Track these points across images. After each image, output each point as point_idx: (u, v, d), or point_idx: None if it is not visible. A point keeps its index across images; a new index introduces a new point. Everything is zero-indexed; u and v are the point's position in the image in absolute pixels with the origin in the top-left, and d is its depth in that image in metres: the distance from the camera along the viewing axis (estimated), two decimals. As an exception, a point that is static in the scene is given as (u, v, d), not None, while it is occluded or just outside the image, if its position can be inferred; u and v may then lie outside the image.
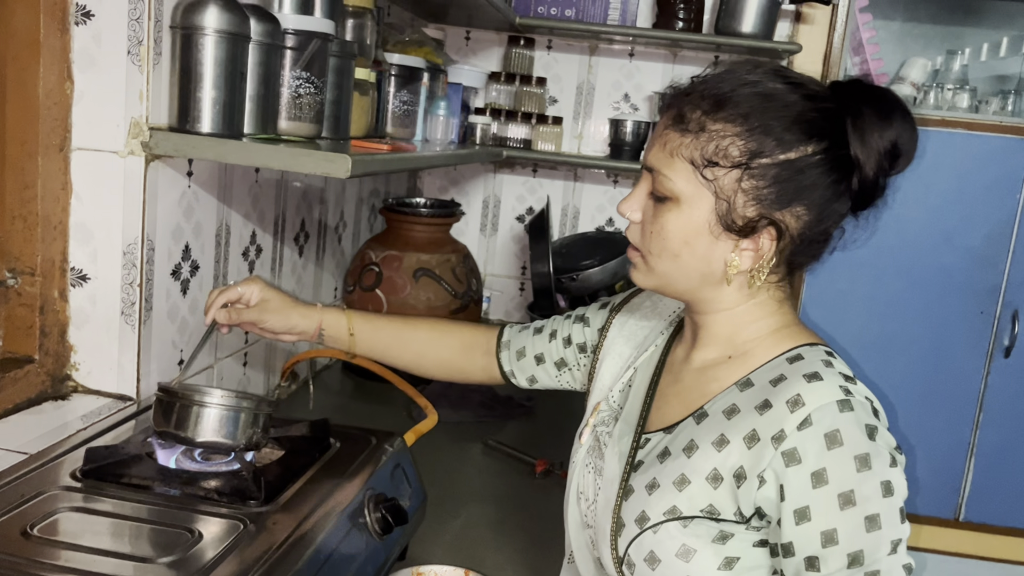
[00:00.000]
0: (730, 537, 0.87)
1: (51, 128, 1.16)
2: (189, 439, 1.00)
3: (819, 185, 0.87)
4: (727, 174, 0.87)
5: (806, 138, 0.87)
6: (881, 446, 0.84)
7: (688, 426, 0.93)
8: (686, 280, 0.93)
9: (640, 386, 1.03)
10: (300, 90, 1.33)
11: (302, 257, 1.80)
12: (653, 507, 0.90)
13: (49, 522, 0.89)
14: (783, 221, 0.88)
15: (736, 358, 0.94)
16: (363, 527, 1.03)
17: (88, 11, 1.15)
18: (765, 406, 0.86)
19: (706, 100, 0.89)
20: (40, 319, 1.20)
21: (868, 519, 0.82)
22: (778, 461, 0.84)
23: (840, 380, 0.87)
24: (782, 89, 0.89)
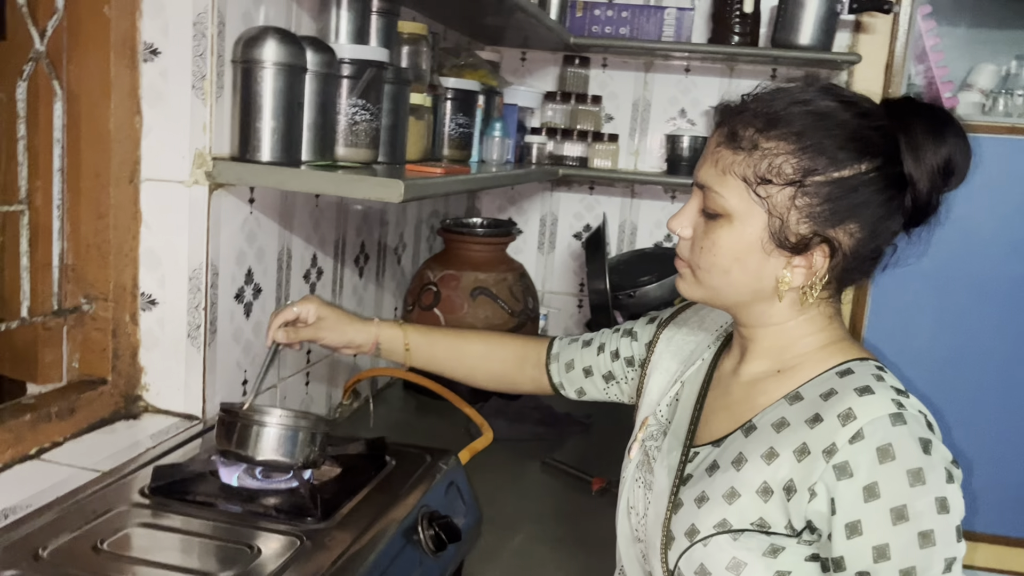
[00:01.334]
0: (781, 551, 0.87)
1: (122, 160, 1.22)
2: (249, 458, 1.04)
3: (872, 203, 0.88)
4: (780, 191, 0.88)
5: (859, 156, 0.87)
6: (936, 461, 0.84)
7: (737, 439, 0.93)
8: (736, 295, 0.95)
9: (688, 400, 1.04)
10: (356, 117, 1.37)
11: (362, 278, 1.85)
12: (703, 520, 0.90)
13: (118, 537, 0.93)
14: (836, 239, 0.89)
15: (785, 372, 0.95)
16: (417, 544, 1.05)
17: (155, 48, 1.21)
18: (816, 419, 0.87)
19: (759, 118, 0.90)
20: (113, 342, 1.25)
21: (922, 535, 0.81)
22: (829, 474, 0.84)
23: (892, 394, 0.87)
24: (835, 107, 0.90)
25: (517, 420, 1.81)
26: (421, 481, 1.15)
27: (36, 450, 1.12)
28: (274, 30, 1.22)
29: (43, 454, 1.13)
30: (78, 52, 1.18)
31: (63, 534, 0.92)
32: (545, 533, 1.42)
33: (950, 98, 2.40)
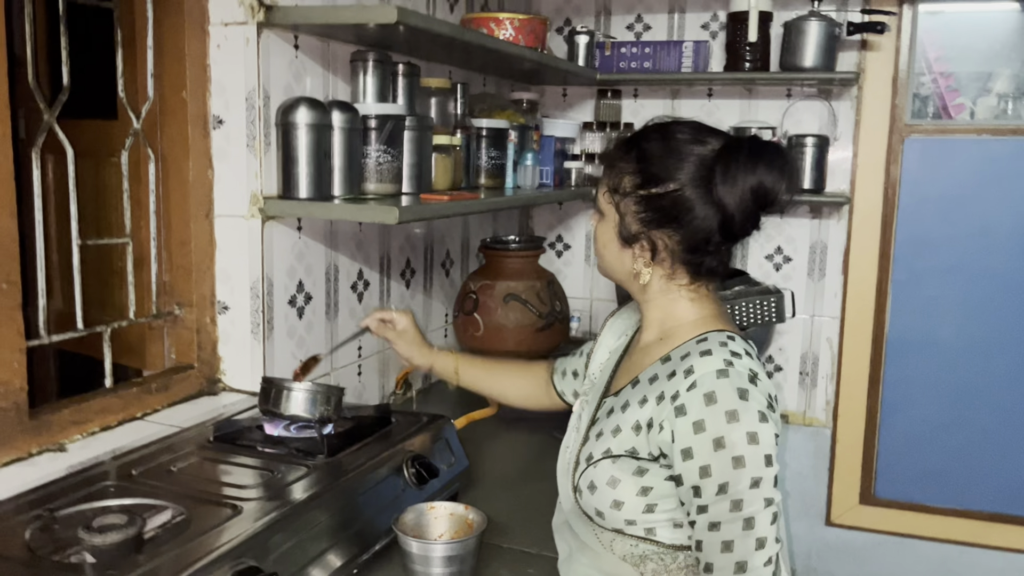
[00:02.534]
0: (646, 472, 1.15)
1: (199, 202, 1.65)
2: (279, 413, 1.43)
3: (684, 214, 1.15)
4: (623, 199, 1.19)
5: (674, 176, 1.15)
6: (751, 405, 1.09)
7: (626, 390, 1.22)
8: (613, 274, 1.26)
9: (609, 365, 1.35)
10: (380, 159, 1.76)
11: (409, 289, 2.23)
12: (596, 449, 1.20)
13: (186, 465, 1.34)
14: (658, 238, 1.17)
15: (665, 339, 1.23)
16: (401, 476, 1.41)
17: (221, 119, 1.64)
18: (672, 375, 1.15)
19: (623, 144, 1.22)
20: (198, 338, 1.68)
21: (734, 459, 1.07)
22: (671, 413, 1.11)
23: (726, 355, 1.13)
24: (680, 139, 1.17)
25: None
26: (414, 436, 1.51)
27: (141, 414, 1.56)
28: (304, 99, 1.62)
29: (146, 417, 1.56)
30: (166, 125, 1.62)
31: (149, 463, 1.33)
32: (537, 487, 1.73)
33: (959, 104, 2.56)
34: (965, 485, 2.67)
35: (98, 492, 1.23)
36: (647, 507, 1.15)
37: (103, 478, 1.27)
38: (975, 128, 2.53)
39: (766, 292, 2.22)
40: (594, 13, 2.84)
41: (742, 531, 1.07)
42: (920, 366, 2.65)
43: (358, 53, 1.83)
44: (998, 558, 2.67)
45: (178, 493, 1.23)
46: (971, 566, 2.69)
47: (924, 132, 2.56)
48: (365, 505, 1.33)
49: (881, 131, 2.57)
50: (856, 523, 2.75)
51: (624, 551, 1.19)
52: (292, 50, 1.70)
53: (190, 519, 1.15)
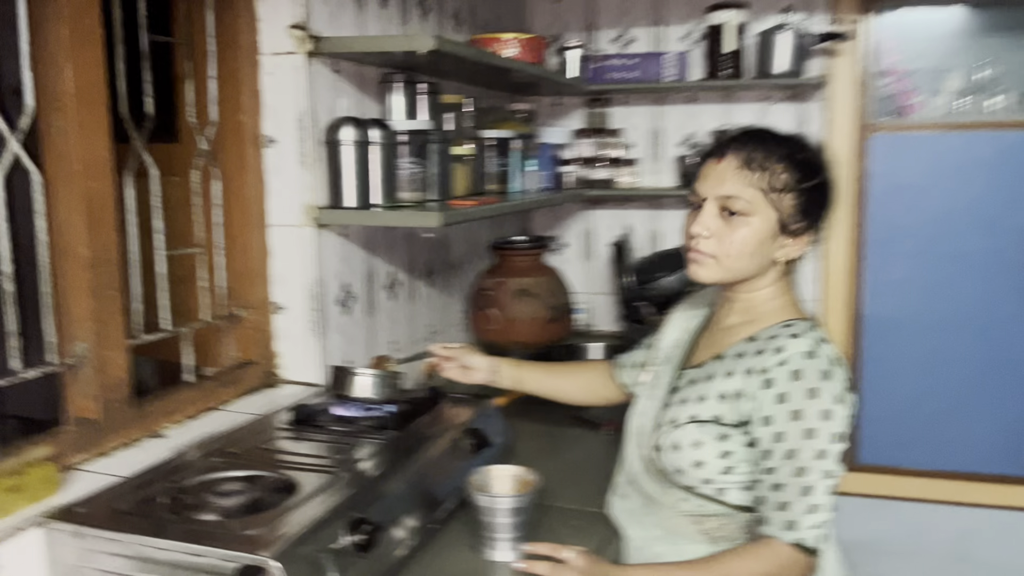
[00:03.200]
0: (728, 437, 1.29)
1: (256, 214, 1.83)
2: (349, 396, 1.62)
3: (824, 204, 1.33)
4: (784, 196, 1.30)
5: (822, 170, 1.33)
6: (832, 386, 1.23)
7: (710, 364, 1.35)
8: (748, 271, 1.33)
9: (684, 342, 1.49)
10: (411, 169, 1.96)
11: (434, 287, 2.43)
12: (680, 414, 1.33)
13: (271, 443, 1.52)
14: (812, 227, 1.33)
15: (749, 322, 1.35)
16: (459, 447, 1.61)
17: (273, 139, 1.83)
18: (760, 352, 1.28)
19: (764, 148, 1.31)
20: (258, 336, 1.87)
21: (806, 431, 1.22)
22: (759, 385, 1.25)
23: (814, 340, 1.26)
24: (796, 140, 1.34)
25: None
26: (466, 412, 1.71)
27: (218, 405, 1.74)
28: (348, 119, 1.81)
29: (221, 407, 1.74)
30: (225, 146, 1.81)
31: (243, 443, 1.52)
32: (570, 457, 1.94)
33: (915, 104, 2.82)
34: (937, 449, 2.93)
35: (208, 467, 1.41)
36: (725, 469, 1.30)
37: (208, 456, 1.46)
38: (933, 124, 2.79)
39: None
40: (582, 28, 3.06)
41: (799, 495, 1.22)
42: (894, 342, 2.90)
43: (387, 75, 2.03)
44: (968, 514, 2.93)
45: (277, 465, 1.42)
46: (944, 522, 2.95)
47: (888, 129, 2.82)
48: (434, 471, 1.52)
49: (849, 129, 2.82)
50: (844, 489, 2.97)
51: (689, 509, 1.36)
52: (332, 74, 1.89)
53: (296, 484, 1.34)
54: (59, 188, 1.40)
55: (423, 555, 1.42)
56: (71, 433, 1.41)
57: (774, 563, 1.25)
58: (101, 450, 1.46)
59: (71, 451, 1.40)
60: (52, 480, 1.29)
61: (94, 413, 1.46)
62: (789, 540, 1.24)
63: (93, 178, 1.42)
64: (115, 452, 1.48)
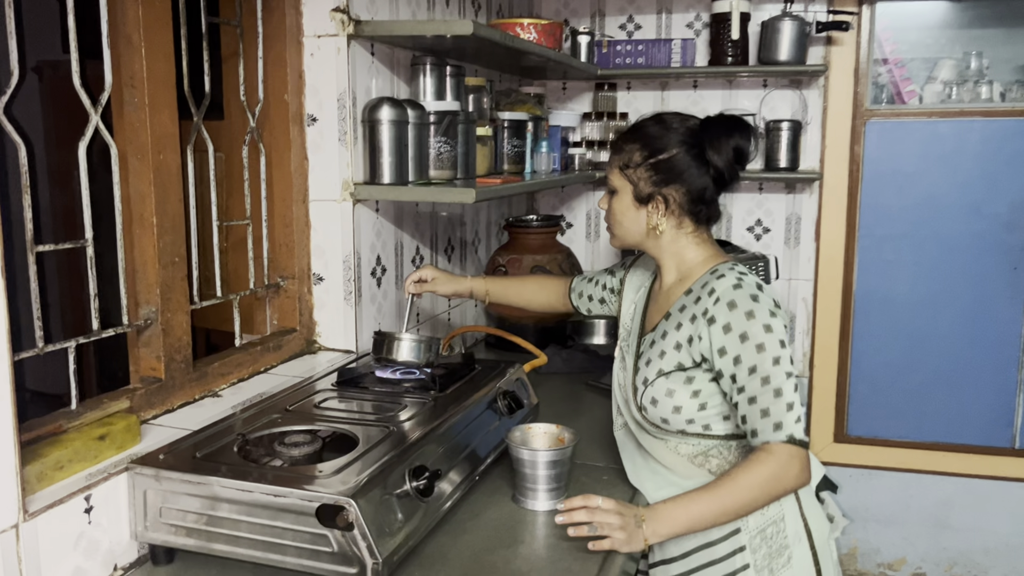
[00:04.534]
0: (693, 379, 1.48)
1: (298, 189, 1.93)
2: (392, 360, 1.73)
3: (685, 171, 1.50)
4: (635, 171, 1.52)
5: (674, 145, 1.50)
6: (762, 305, 1.42)
7: (662, 324, 1.55)
8: (631, 236, 1.57)
9: (638, 312, 1.68)
10: (441, 149, 2.06)
11: (451, 263, 2.54)
12: (649, 372, 1.53)
13: (322, 401, 1.64)
14: (668, 194, 1.51)
15: (683, 279, 1.56)
16: (496, 408, 1.73)
17: (315, 117, 1.93)
18: (697, 300, 1.48)
19: (625, 133, 1.57)
20: (298, 306, 1.97)
21: (757, 346, 1.40)
22: (704, 325, 1.44)
23: (736, 274, 1.47)
24: (668, 121, 1.53)
25: (570, 358, 2.47)
26: (499, 377, 1.83)
27: (264, 368, 1.85)
28: (387, 99, 1.91)
29: (269, 371, 1.85)
30: (267, 122, 1.90)
31: (296, 401, 1.63)
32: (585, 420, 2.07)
33: (910, 91, 2.96)
34: (920, 420, 3.09)
35: (269, 422, 1.52)
36: (700, 406, 1.48)
37: (267, 412, 1.56)
38: (925, 111, 2.93)
39: (754, 258, 2.59)
40: (589, 15, 3.17)
41: (773, 399, 1.38)
42: (882, 319, 3.06)
43: (417, 58, 2.13)
44: (949, 482, 3.10)
45: (333, 419, 1.53)
46: (927, 490, 3.11)
47: (882, 116, 2.96)
48: (476, 428, 1.64)
49: (845, 116, 2.96)
50: (832, 459, 3.15)
51: (689, 451, 1.52)
52: (369, 56, 1.99)
53: (355, 437, 1.45)
54: (132, 160, 1.50)
55: (470, 504, 1.54)
56: (141, 390, 1.51)
57: (776, 462, 1.39)
58: (168, 407, 1.56)
59: (143, 407, 1.51)
60: (134, 430, 1.39)
61: (160, 372, 1.56)
62: (782, 438, 1.38)
63: (162, 151, 1.52)
64: (180, 409, 1.58)
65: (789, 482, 1.40)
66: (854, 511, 3.18)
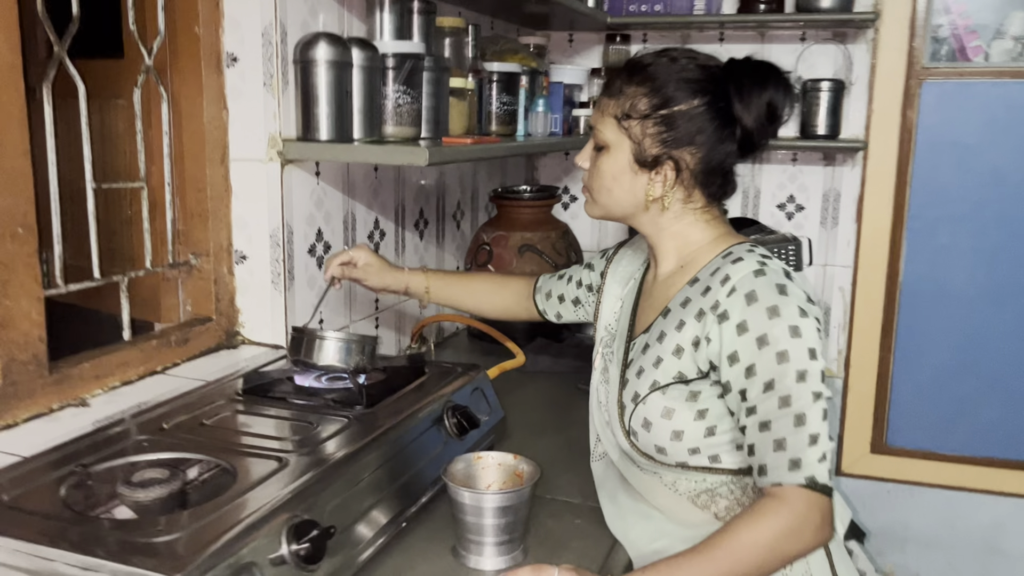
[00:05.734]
0: (699, 394, 1.13)
1: (214, 146, 1.56)
2: (312, 363, 1.37)
3: (705, 131, 1.14)
4: (638, 123, 1.15)
5: (694, 94, 1.13)
6: (790, 299, 1.08)
7: (658, 322, 1.20)
8: (621, 208, 1.22)
9: (626, 309, 1.32)
10: (400, 101, 1.68)
11: (423, 240, 2.16)
12: (641, 386, 1.18)
13: (218, 418, 1.27)
14: (680, 157, 1.15)
15: (686, 266, 1.21)
16: (442, 428, 1.35)
17: (235, 57, 1.55)
18: (706, 290, 1.13)
19: (626, 71, 1.19)
20: (215, 289, 1.61)
21: (778, 354, 1.06)
22: (715, 322, 1.10)
23: (757, 257, 1.13)
24: (683, 62, 1.16)
25: (559, 355, 2.09)
26: (450, 384, 1.45)
27: (161, 368, 1.49)
28: (324, 35, 1.53)
29: (167, 371, 1.49)
30: (177, 63, 1.53)
31: (179, 416, 1.27)
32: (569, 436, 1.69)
33: (976, 47, 2.51)
34: (972, 431, 2.67)
35: (131, 447, 1.16)
36: (707, 431, 1.13)
37: (134, 433, 1.20)
38: (993, 71, 2.48)
39: (784, 240, 2.18)
40: (601, -46, 2.74)
41: (793, 427, 1.05)
42: (933, 314, 2.63)
43: (374, -13, 1.73)
44: (1002, 502, 2.68)
45: (215, 446, 1.17)
46: (976, 510, 2.70)
47: (942, 75, 2.51)
48: (409, 457, 1.27)
49: (898, 75, 2.52)
50: (867, 472, 2.75)
51: (690, 489, 1.17)
52: (308, -17, 1.61)
53: (233, 473, 1.09)
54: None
55: (393, 558, 1.17)
56: (-34, 400, 1.16)
57: (791, 514, 1.04)
58: (6, 421, 1.21)
59: (-36, 422, 1.16)
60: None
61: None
62: (799, 481, 1.04)
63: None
64: (24, 424, 1.23)
65: (807, 539, 1.06)
66: (891, 531, 2.77)
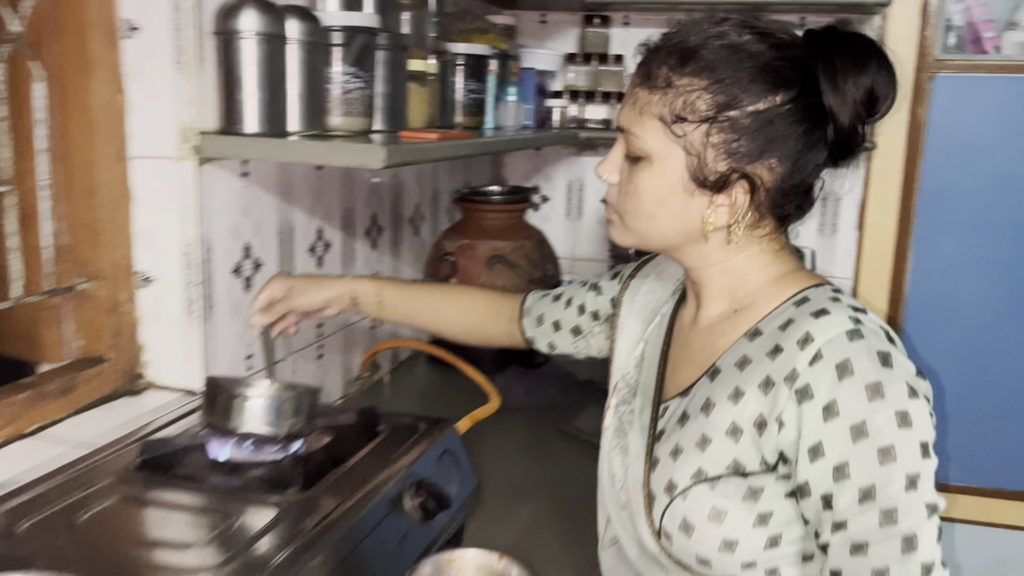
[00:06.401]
0: (760, 492, 0.85)
1: (108, 138, 1.22)
2: (232, 430, 1.04)
3: (791, 135, 0.85)
4: (696, 129, 0.86)
5: (774, 88, 0.84)
6: (897, 374, 0.80)
7: (703, 385, 0.91)
8: (664, 239, 0.93)
9: (652, 357, 1.02)
10: (348, 85, 1.35)
11: (376, 250, 1.84)
12: (679, 473, 0.88)
13: (97, 512, 0.93)
14: (756, 174, 0.86)
15: (742, 311, 0.92)
16: (402, 512, 1.04)
17: (135, 25, 1.21)
18: (776, 350, 0.84)
19: (672, 55, 0.87)
20: (111, 320, 1.27)
21: (881, 451, 0.78)
22: (792, 401, 0.81)
23: (849, 312, 0.84)
24: (749, 39, 0.86)
25: (535, 387, 1.79)
26: (412, 449, 1.14)
27: (34, 428, 1.14)
28: (252, 0, 1.20)
29: (41, 432, 1.15)
30: (57, 32, 1.18)
31: (44, 509, 0.93)
32: (559, 501, 1.39)
33: (992, 37, 2.27)
34: (977, 459, 2.45)
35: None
36: (769, 540, 0.86)
37: (-27, 540, 0.87)
38: (1011, 64, 2.24)
39: (787, 251, 1.91)
40: (578, -75, 2.44)
41: (900, 553, 0.77)
42: (940, 330, 2.39)
43: (316, -54, 1.40)
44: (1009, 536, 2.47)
45: (87, 562, 0.84)
46: (981, 545, 2.49)
47: (956, 68, 2.26)
48: (362, 558, 0.95)
49: (907, 66, 2.26)
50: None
51: None
52: (231, -66, 1.27)
53: (109, 609, 0.76)
54: None
55: None
56: None
57: None
58: None
59: None
60: None
61: None
62: None
63: None
64: None
65: None
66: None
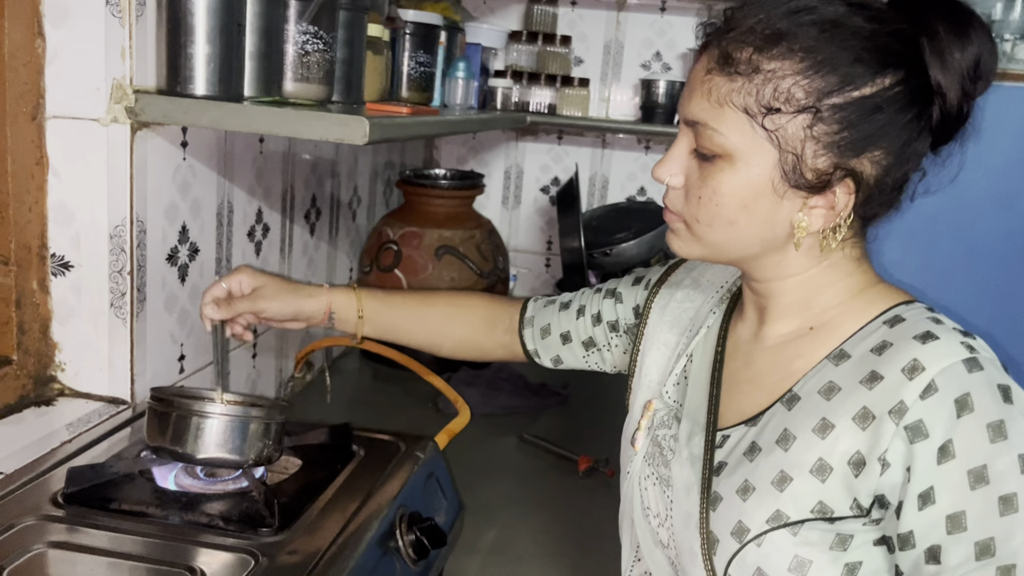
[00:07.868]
0: (849, 540, 0.74)
1: (20, 93, 1.00)
2: (188, 456, 0.85)
3: (897, 122, 0.74)
4: (792, 121, 0.73)
5: (880, 69, 0.73)
6: (1019, 410, 0.70)
7: (777, 414, 0.79)
8: (742, 248, 0.80)
9: (700, 376, 0.89)
10: (307, 47, 1.17)
11: (314, 236, 1.64)
12: (752, 515, 0.76)
13: (22, 563, 0.74)
14: (862, 169, 0.74)
15: (819, 329, 0.81)
16: (395, 552, 0.88)
17: (58, -45, 0.99)
18: (873, 378, 0.73)
19: (756, 35, 0.74)
20: (17, 314, 1.04)
21: (1003, 500, 0.68)
22: (901, 438, 0.70)
23: (959, 336, 0.74)
24: (843, 12, 0.74)
25: (490, 393, 1.64)
26: (395, 475, 0.97)
27: (-80, 448, 0.92)
28: (206, -66, 1.00)
29: (-71, 453, 0.92)
30: (-41, -45, 0.95)
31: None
32: (528, 520, 1.26)
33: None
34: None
35: None
36: None
37: None
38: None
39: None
40: None
41: None
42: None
43: None
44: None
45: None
46: None
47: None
48: (354, 617, 0.79)
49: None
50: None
51: None
52: None
53: None
54: None
55: None
56: None
57: None
58: None
59: None
60: None
61: None
62: None
63: None
64: None
65: None
66: None
